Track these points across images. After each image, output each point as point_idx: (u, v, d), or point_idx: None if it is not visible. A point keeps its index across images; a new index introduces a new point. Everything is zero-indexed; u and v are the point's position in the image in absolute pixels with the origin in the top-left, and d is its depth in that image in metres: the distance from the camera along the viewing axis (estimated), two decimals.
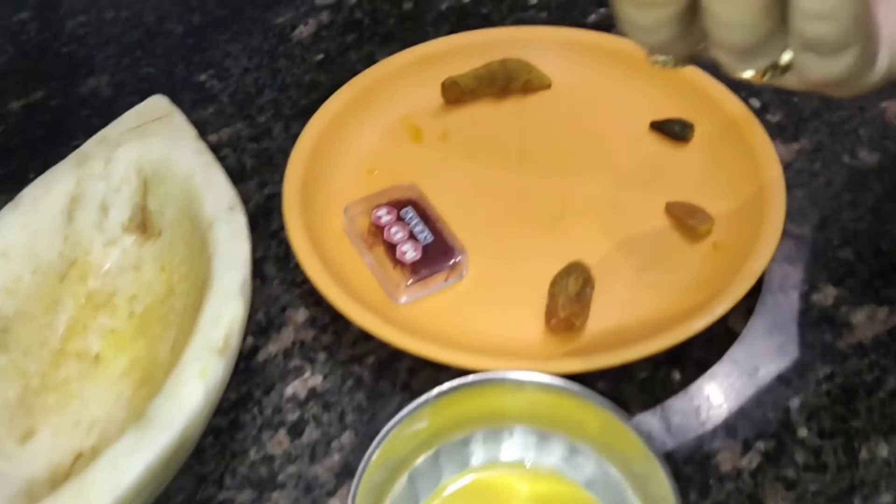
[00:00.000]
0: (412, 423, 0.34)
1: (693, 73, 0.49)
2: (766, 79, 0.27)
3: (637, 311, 0.41)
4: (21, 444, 0.35)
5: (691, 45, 0.27)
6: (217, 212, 0.38)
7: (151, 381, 0.36)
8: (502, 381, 0.35)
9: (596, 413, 0.34)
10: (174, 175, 0.41)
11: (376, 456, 0.33)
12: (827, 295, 0.42)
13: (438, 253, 0.43)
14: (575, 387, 0.34)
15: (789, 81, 0.27)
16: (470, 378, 0.35)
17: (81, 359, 0.38)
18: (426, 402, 0.34)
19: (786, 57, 0.26)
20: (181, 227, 0.40)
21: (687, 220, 0.44)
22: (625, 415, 0.33)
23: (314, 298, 0.43)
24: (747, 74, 0.27)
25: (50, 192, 0.40)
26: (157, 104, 0.44)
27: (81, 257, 0.40)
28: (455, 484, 0.36)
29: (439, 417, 0.35)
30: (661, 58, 0.29)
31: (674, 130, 0.48)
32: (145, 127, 0.42)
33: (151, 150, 0.41)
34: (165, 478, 0.33)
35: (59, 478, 0.34)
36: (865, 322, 0.41)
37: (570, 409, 0.35)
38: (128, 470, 0.30)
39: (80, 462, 0.34)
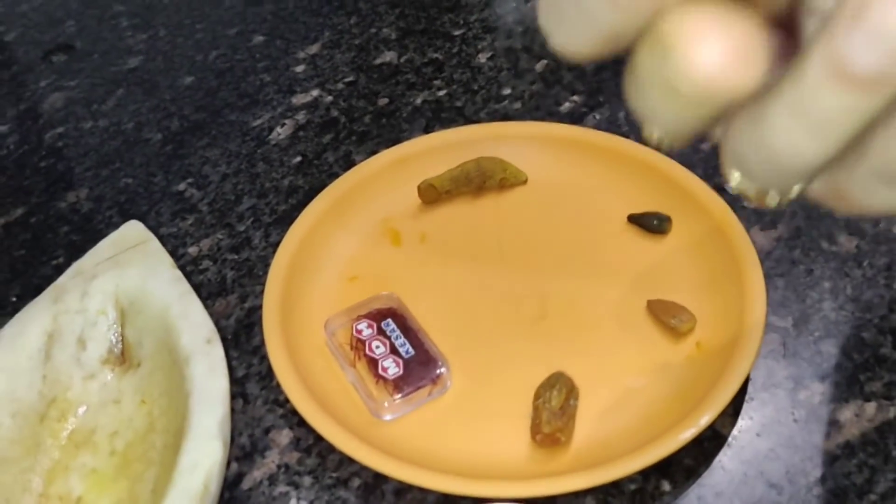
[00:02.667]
0: None
1: (668, 164, 0.49)
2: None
3: (623, 419, 0.41)
4: None
5: (708, 128, 0.22)
6: (194, 345, 0.38)
7: None
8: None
9: None
10: (151, 306, 0.41)
11: None
12: (813, 392, 0.42)
13: (421, 366, 0.43)
14: None
15: (811, 193, 0.22)
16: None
17: (64, 502, 0.38)
18: None
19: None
20: (160, 357, 0.40)
21: (668, 319, 0.43)
22: None
23: (297, 419, 0.43)
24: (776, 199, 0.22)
25: (27, 331, 0.40)
26: (133, 231, 0.44)
27: (61, 394, 0.40)
28: None
29: None
30: (659, 135, 0.23)
31: (651, 224, 0.48)
32: (121, 256, 0.42)
33: (128, 280, 0.41)
34: None
35: None
36: (853, 419, 0.40)
37: None
38: None
39: None
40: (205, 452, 0.34)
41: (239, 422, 0.43)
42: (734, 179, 0.21)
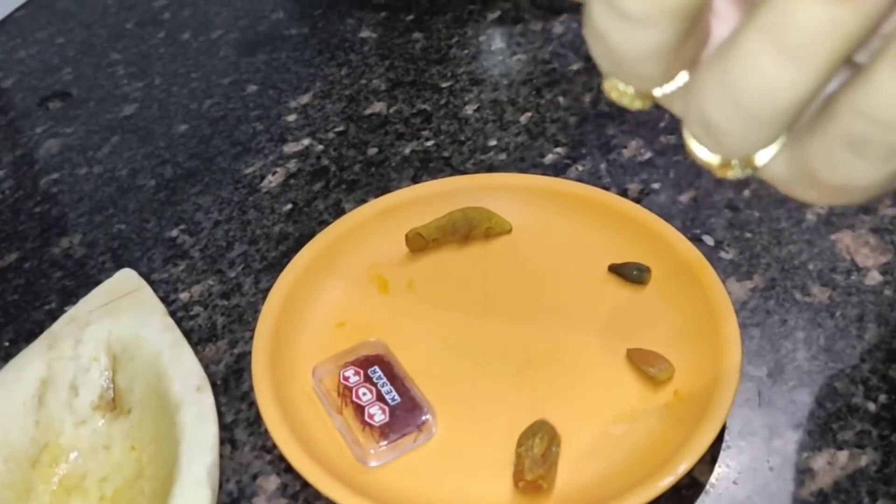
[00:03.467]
0: None
1: (647, 216, 0.51)
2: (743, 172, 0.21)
3: (603, 466, 0.42)
4: None
5: (672, 74, 0.20)
6: (185, 392, 0.39)
7: None
8: None
9: None
10: (143, 353, 0.41)
11: None
12: (787, 440, 0.43)
13: (407, 413, 0.44)
14: None
15: (776, 174, 0.21)
16: None
17: None
18: None
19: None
20: (150, 404, 0.41)
21: (647, 368, 0.45)
22: None
23: (285, 465, 0.44)
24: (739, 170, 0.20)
25: (21, 378, 0.41)
26: (126, 279, 0.45)
27: (53, 440, 0.41)
28: None
29: None
30: (622, 87, 0.21)
31: (631, 274, 0.49)
32: (114, 304, 0.43)
33: (120, 327, 0.42)
34: None
35: None
36: (826, 468, 0.41)
37: None
38: None
39: None
40: (193, 499, 0.35)
41: (227, 468, 0.44)
42: (695, 148, 0.20)
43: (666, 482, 0.39)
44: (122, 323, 0.42)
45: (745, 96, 0.17)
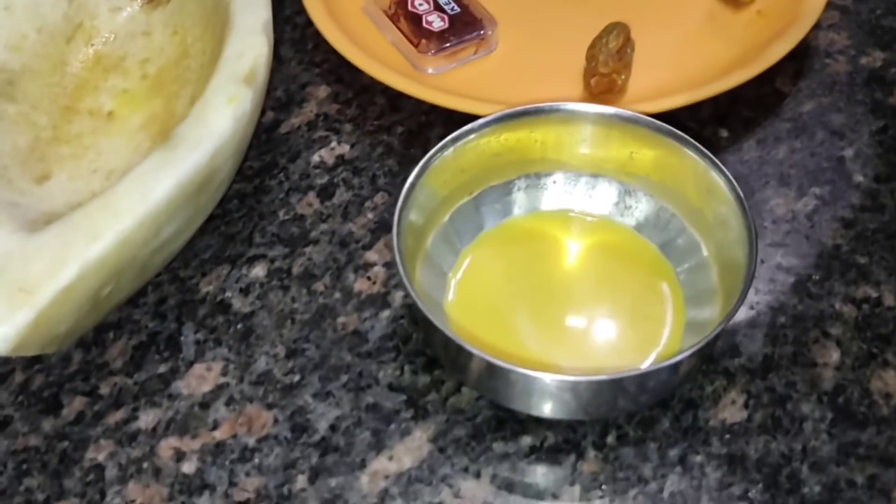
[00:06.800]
0: (454, 159, 0.32)
1: None
2: None
3: (680, 73, 0.39)
4: (37, 185, 0.32)
5: None
6: None
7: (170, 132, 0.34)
8: (549, 112, 0.33)
9: (651, 142, 0.32)
10: None
11: (418, 186, 0.31)
12: (875, 58, 0.40)
13: (466, 24, 0.41)
14: (626, 113, 0.32)
15: None
16: (511, 110, 0.33)
17: (94, 116, 0.36)
18: (467, 132, 0.32)
19: None
20: None
21: None
22: (685, 138, 0.31)
23: (335, 76, 0.41)
24: None
25: None
26: None
27: (87, 21, 0.38)
28: (498, 232, 0.34)
29: (480, 158, 0.33)
30: None
31: None
32: None
33: None
34: (194, 215, 0.31)
35: None
36: None
37: (621, 142, 0.33)
38: (157, 186, 0.28)
39: None
40: (250, 45, 0.32)
41: (273, 79, 0.41)
42: None
43: (750, 71, 0.37)
44: None
45: None
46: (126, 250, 0.28)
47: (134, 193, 0.28)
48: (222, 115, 0.30)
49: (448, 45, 0.40)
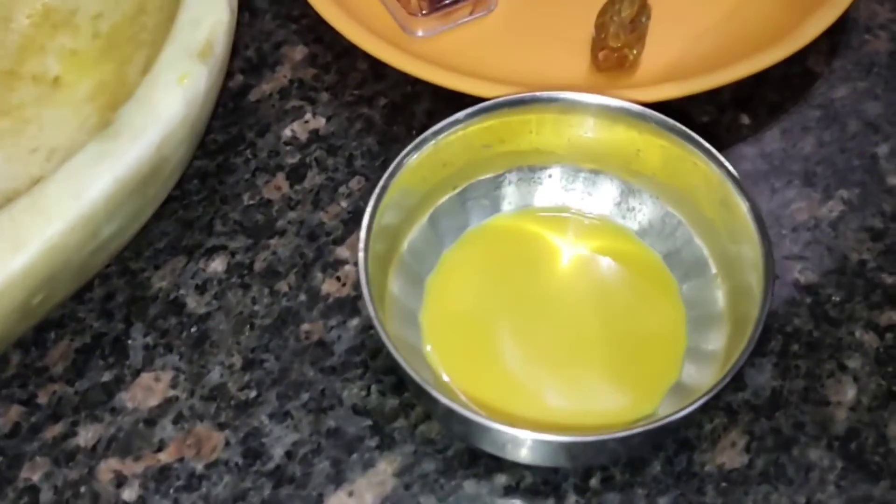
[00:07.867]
0: (435, 153, 0.28)
1: None
2: None
3: (701, 46, 0.35)
4: None
5: None
6: None
7: (120, 107, 0.30)
8: (546, 102, 0.29)
9: (661, 141, 0.28)
10: None
11: (392, 185, 0.27)
12: None
13: None
14: (634, 107, 0.28)
15: None
16: (503, 98, 0.29)
17: (38, 82, 0.32)
18: (452, 124, 0.28)
19: None
20: None
21: None
22: (701, 143, 0.27)
23: (314, 34, 0.36)
24: None
25: None
26: None
27: None
28: (484, 231, 0.30)
29: (466, 150, 0.29)
30: None
31: None
32: None
33: None
34: (142, 207, 0.28)
35: None
36: None
37: (625, 138, 0.29)
38: (93, 183, 0.24)
39: None
40: (208, 10, 0.28)
41: (244, 35, 0.37)
42: None
43: (780, 52, 0.32)
44: None
45: None
46: (57, 256, 0.24)
47: (66, 192, 0.24)
48: (171, 97, 0.26)
49: (440, 3, 0.35)
